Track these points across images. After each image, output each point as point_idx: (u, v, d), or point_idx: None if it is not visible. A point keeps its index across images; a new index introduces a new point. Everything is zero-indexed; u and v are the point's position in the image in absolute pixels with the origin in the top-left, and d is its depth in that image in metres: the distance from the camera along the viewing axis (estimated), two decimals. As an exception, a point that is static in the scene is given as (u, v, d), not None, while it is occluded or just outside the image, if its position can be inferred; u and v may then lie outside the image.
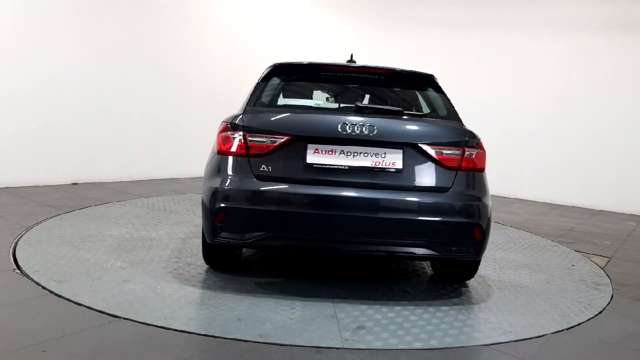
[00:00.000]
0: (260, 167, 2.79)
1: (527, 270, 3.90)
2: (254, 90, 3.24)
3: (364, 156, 2.80)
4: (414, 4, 9.48)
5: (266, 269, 3.50)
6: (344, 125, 2.79)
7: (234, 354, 2.21)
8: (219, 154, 2.92)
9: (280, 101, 3.33)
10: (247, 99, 3.17)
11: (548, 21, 8.28)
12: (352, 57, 3.90)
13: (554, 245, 4.92)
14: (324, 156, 2.79)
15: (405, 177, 2.82)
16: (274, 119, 2.90)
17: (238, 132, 2.85)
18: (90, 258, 3.36)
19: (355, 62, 3.76)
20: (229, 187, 2.79)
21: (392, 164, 2.81)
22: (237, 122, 2.89)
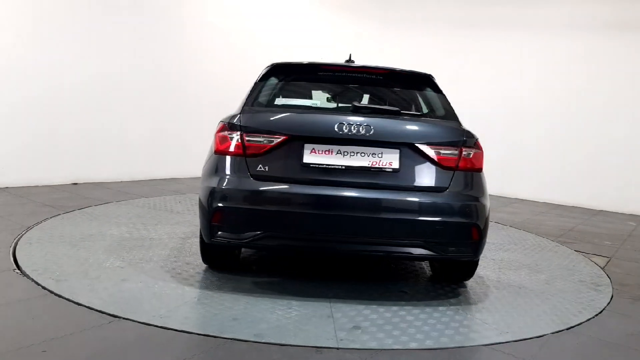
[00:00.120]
0: (257, 166, 2.79)
1: (526, 271, 3.89)
2: (251, 90, 3.24)
3: (360, 156, 2.80)
4: (414, 4, 9.47)
5: (265, 269, 3.50)
6: (341, 125, 2.79)
7: (234, 354, 2.20)
8: (216, 153, 2.93)
9: (278, 101, 3.33)
10: (245, 98, 3.18)
11: (548, 21, 8.26)
12: (350, 57, 3.90)
13: (555, 246, 4.90)
14: (320, 156, 2.79)
15: (402, 177, 2.81)
16: (270, 119, 2.90)
17: (235, 132, 2.86)
18: (89, 257, 3.37)
19: (354, 62, 3.75)
20: (226, 187, 2.80)
21: (389, 164, 2.80)
22: (234, 122, 2.90)
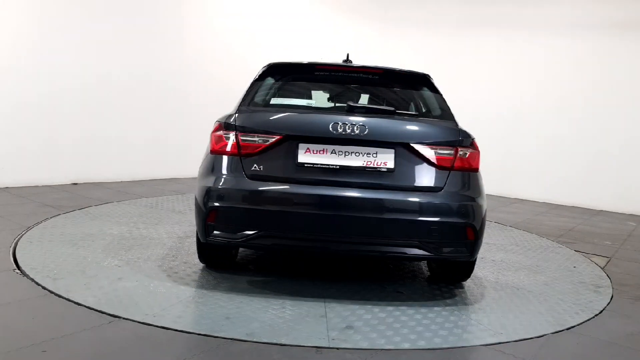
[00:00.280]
0: (252, 166, 2.80)
1: (526, 272, 3.86)
2: (248, 90, 3.24)
3: (355, 156, 2.80)
4: (414, 4, 9.45)
5: (262, 269, 3.51)
6: (335, 125, 2.79)
7: (234, 354, 2.20)
8: (212, 153, 2.93)
9: (274, 101, 3.33)
10: (241, 98, 3.18)
11: (548, 21, 8.22)
12: (348, 56, 3.89)
13: (555, 246, 4.88)
14: (315, 155, 2.79)
15: (397, 177, 2.81)
16: (265, 119, 2.91)
17: (231, 132, 2.86)
18: (87, 256, 3.39)
19: (352, 61, 3.74)
20: (221, 186, 2.80)
21: (384, 164, 2.80)
22: (230, 122, 2.90)
